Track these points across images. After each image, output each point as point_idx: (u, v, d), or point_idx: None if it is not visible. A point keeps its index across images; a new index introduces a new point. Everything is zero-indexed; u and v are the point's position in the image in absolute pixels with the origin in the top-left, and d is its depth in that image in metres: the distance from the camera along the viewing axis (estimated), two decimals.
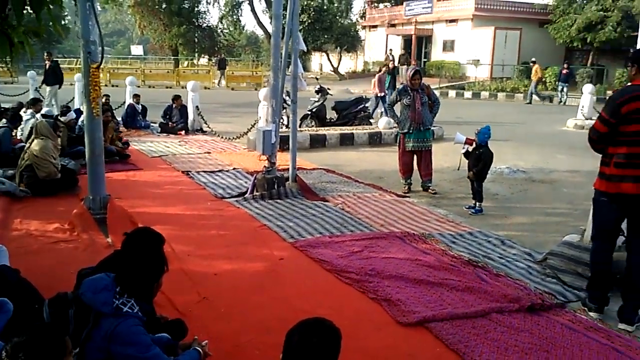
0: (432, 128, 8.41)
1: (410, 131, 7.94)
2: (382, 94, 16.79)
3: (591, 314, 4.28)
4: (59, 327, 2.15)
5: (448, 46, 35.36)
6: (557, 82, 25.89)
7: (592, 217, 4.50)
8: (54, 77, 16.31)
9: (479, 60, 31.96)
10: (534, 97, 25.12)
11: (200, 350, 2.96)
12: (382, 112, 15.71)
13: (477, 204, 7.24)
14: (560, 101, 24.67)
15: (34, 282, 3.93)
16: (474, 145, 7.19)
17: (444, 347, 3.78)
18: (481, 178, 7.20)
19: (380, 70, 17.79)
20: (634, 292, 4.11)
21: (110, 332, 2.64)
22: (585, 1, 29.02)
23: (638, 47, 4.85)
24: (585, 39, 28.48)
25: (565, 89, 24.59)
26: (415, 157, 8.21)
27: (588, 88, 16.48)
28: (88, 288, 2.77)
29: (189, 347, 3.01)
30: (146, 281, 2.82)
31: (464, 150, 7.35)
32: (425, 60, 37.12)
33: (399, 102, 8.15)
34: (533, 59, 26.20)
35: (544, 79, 26.81)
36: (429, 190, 8.25)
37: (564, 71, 24.64)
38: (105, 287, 2.75)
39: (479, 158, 7.14)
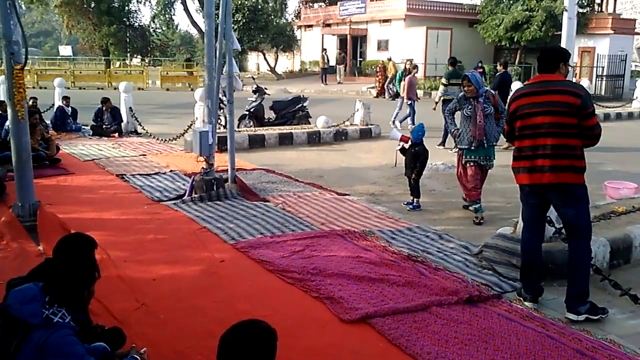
0: (493, 142, 6.77)
1: (472, 147, 6.66)
2: (412, 100, 14.46)
3: (526, 303, 4.43)
4: None
5: (382, 45, 35.88)
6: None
7: None
8: None
9: (412, 59, 32.66)
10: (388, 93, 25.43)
11: (139, 358, 2.87)
12: (408, 120, 14.40)
13: (415, 200, 7.38)
14: None
15: None
16: (410, 143, 7.33)
17: (386, 342, 3.82)
18: (418, 174, 7.35)
19: (409, 72, 15.34)
20: (575, 278, 4.23)
21: (41, 344, 2.52)
22: (511, 1, 30.08)
23: (561, 45, 5.06)
24: (512, 38, 29.53)
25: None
26: (473, 171, 6.81)
27: (516, 85, 17.11)
28: (15, 299, 2.63)
29: (127, 355, 2.92)
30: (75, 289, 2.70)
31: (399, 147, 7.50)
32: (361, 59, 37.56)
33: (458, 111, 6.93)
34: (389, 57, 27.87)
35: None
36: (472, 214, 6.94)
37: (478, 70, 23.68)
38: (33, 298, 2.62)
39: (416, 156, 7.29)
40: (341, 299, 4.36)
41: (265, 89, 14.59)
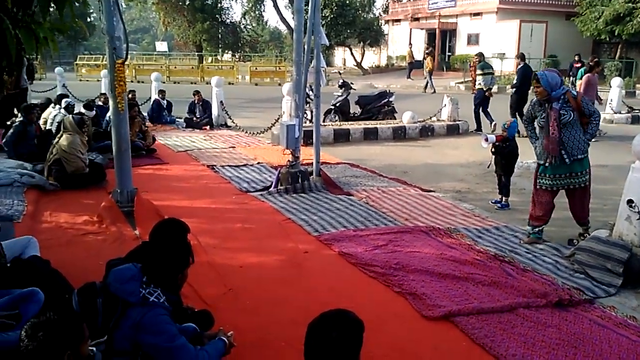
0: (579, 155, 5.47)
1: (546, 164, 5.57)
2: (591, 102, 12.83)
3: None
4: (77, 313, 2.19)
5: (472, 40, 34.93)
6: (568, 78, 23.24)
7: None
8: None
9: (504, 53, 31.49)
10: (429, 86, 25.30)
11: (226, 340, 2.98)
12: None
13: (504, 198, 7.15)
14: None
15: (63, 273, 4.02)
16: (502, 139, 7.07)
17: (469, 341, 3.76)
18: (509, 172, 7.11)
19: (589, 69, 13.07)
20: None
21: (137, 321, 2.67)
22: None
23: None
24: (613, 32, 27.80)
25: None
26: (565, 196, 5.78)
27: (616, 81, 16.13)
28: (115, 278, 2.81)
29: (215, 337, 3.04)
30: (171, 271, 2.84)
31: (488, 145, 7.16)
32: (450, 54, 36.75)
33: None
34: (426, 52, 27.54)
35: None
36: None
37: (576, 64, 22.26)
38: (132, 277, 2.79)
39: (509, 153, 7.03)
40: (424, 296, 4.32)
41: (351, 83, 14.62)
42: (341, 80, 14.34)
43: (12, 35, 2.84)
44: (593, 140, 5.83)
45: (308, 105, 11.45)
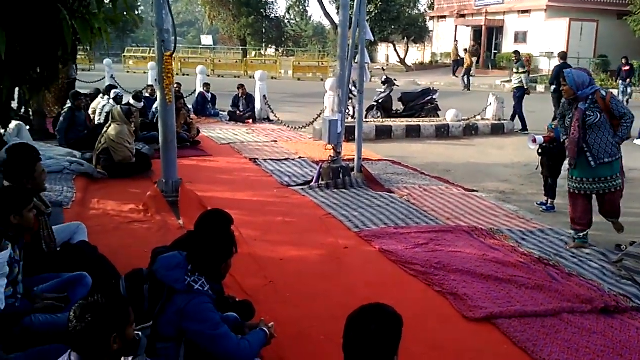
0: (606, 159, 5.24)
1: (572, 165, 5.42)
2: None
3: None
4: (124, 297, 2.24)
5: (520, 38, 34.13)
6: (616, 80, 21.89)
7: None
8: None
9: (552, 52, 30.68)
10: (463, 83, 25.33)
11: (267, 331, 3.01)
12: None
13: (549, 200, 6.99)
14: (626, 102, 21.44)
15: (110, 259, 4.13)
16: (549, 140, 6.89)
17: (511, 344, 3.70)
18: (555, 174, 6.94)
19: None
20: None
21: (182, 308, 2.72)
22: None
23: None
24: None
25: (629, 89, 20.57)
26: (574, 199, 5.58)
27: None
28: (162, 265, 2.87)
29: (256, 327, 3.07)
30: (215, 260, 2.88)
31: (534, 147, 6.98)
32: (496, 52, 36.04)
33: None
34: (465, 48, 27.64)
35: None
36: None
37: (625, 68, 20.57)
38: (177, 265, 2.84)
39: (555, 153, 6.86)
40: (465, 296, 4.27)
41: (395, 80, 14.51)
42: (384, 77, 14.26)
43: (69, 25, 2.93)
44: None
45: (350, 101, 11.42)
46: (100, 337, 2.10)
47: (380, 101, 13.84)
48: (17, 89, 3.91)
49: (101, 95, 11.52)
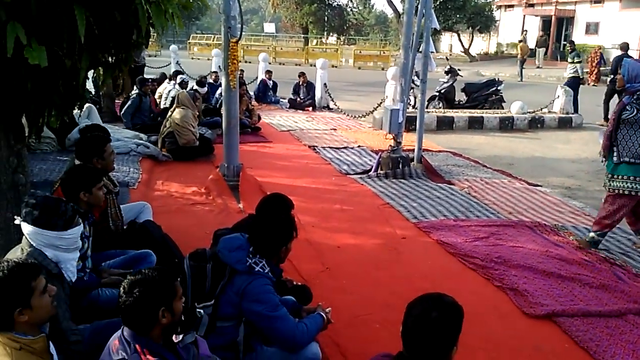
0: (631, 159, 4.93)
1: (617, 161, 5.03)
2: None
3: None
4: (171, 272, 2.31)
5: (592, 28, 32.68)
6: None
7: None
8: None
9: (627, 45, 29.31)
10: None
11: (324, 316, 3.03)
12: None
13: None
14: None
15: (172, 238, 4.26)
16: None
17: (572, 343, 3.60)
18: None
19: None
20: None
21: (243, 289, 2.78)
22: None
23: None
24: None
25: None
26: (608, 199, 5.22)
27: None
28: (224, 246, 2.93)
29: (313, 312, 3.10)
30: (276, 243, 2.93)
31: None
32: (565, 43, 34.63)
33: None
34: (520, 39, 27.49)
35: None
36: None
37: None
38: (239, 246, 2.90)
39: None
40: (526, 292, 4.16)
41: (458, 70, 14.22)
42: (448, 66, 14.00)
43: (144, 10, 3.02)
44: None
45: (412, 90, 11.28)
46: (149, 310, 2.18)
47: (442, 91, 13.61)
48: (91, 72, 4.06)
49: (167, 80, 11.85)
